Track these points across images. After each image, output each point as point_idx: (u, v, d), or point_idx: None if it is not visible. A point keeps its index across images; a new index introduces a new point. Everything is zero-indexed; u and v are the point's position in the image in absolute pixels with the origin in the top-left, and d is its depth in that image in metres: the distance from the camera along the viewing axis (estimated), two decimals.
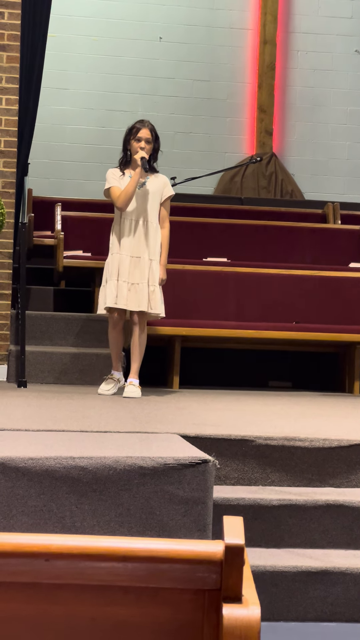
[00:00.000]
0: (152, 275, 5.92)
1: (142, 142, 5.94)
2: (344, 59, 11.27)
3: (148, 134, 5.96)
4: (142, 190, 5.97)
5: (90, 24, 10.81)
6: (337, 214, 9.20)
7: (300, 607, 3.51)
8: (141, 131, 5.96)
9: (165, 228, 6.03)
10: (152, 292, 5.90)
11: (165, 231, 6.03)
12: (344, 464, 4.11)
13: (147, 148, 5.96)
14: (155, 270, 5.93)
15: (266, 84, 11.05)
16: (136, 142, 5.96)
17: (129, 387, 5.87)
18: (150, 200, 5.97)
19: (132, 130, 6.00)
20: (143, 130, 5.97)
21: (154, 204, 5.98)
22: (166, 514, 3.41)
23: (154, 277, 5.92)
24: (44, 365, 6.57)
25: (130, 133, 6.00)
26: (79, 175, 10.69)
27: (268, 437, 4.10)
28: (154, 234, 5.96)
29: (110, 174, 6.02)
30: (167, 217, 6.05)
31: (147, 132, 5.97)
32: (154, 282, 5.92)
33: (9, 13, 6.70)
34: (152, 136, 5.98)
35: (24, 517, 3.36)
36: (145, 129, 5.97)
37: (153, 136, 5.99)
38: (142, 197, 5.97)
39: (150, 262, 5.92)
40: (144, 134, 5.96)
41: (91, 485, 3.39)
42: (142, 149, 5.93)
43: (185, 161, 10.79)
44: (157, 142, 6.04)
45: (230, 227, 8.46)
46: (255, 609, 1.55)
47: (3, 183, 6.69)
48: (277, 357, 7.18)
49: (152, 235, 5.95)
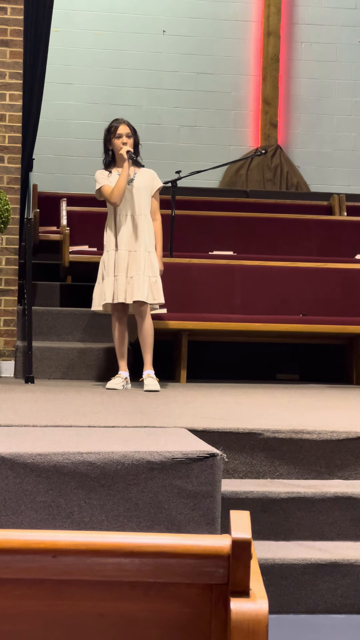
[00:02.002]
0: (151, 266, 5.99)
1: (122, 137, 6.07)
2: (349, 50, 11.24)
3: (127, 129, 6.09)
4: (132, 185, 6.04)
5: (93, 19, 10.79)
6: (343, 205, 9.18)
7: (310, 599, 3.51)
8: (119, 128, 6.08)
9: (158, 220, 6.14)
10: (153, 283, 5.98)
11: (158, 223, 6.14)
12: (352, 456, 4.11)
13: (129, 142, 6.07)
14: (154, 261, 6.01)
15: (270, 76, 11.03)
16: (117, 139, 6.07)
17: (148, 380, 5.90)
18: (141, 194, 6.07)
19: (111, 129, 6.13)
20: (121, 126, 6.09)
21: (145, 198, 6.08)
22: (174, 508, 3.42)
23: (153, 267, 6.00)
24: (51, 361, 6.57)
25: (110, 132, 6.13)
26: (84, 170, 10.69)
27: (276, 430, 4.10)
28: (148, 227, 6.06)
29: (98, 175, 6.13)
30: (158, 209, 6.17)
31: (125, 127, 6.09)
32: (155, 273, 6.00)
33: (11, 8, 6.69)
34: (131, 130, 6.09)
35: (32, 513, 3.36)
36: (123, 125, 6.10)
37: (132, 130, 6.10)
38: (133, 192, 6.07)
39: (148, 253, 5.99)
40: (123, 130, 6.08)
41: (99, 480, 3.39)
42: (124, 144, 6.03)
43: (190, 154, 10.78)
44: (136, 135, 6.16)
45: (236, 220, 8.45)
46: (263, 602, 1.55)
47: (8, 179, 6.69)
48: (285, 350, 7.18)
49: (146, 228, 6.05)
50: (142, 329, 6.01)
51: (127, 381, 6.03)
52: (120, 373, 6.06)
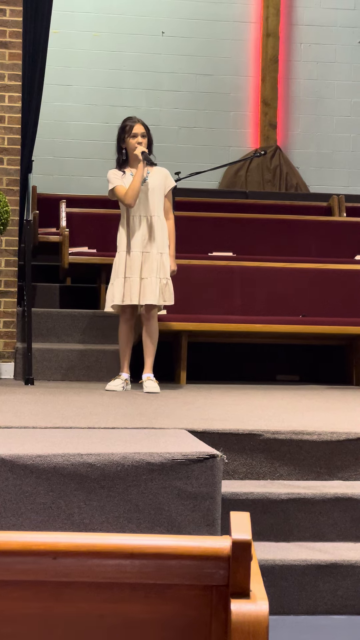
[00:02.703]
0: (163, 268, 5.95)
1: (137, 137, 5.98)
2: (348, 50, 11.25)
3: (142, 129, 6.01)
4: (145, 186, 5.98)
5: (92, 20, 10.79)
6: (342, 206, 9.19)
7: (310, 600, 3.51)
8: (135, 127, 6.00)
9: (171, 219, 6.08)
10: (164, 285, 5.94)
11: (170, 222, 6.08)
12: (353, 457, 4.10)
13: (144, 142, 6.00)
14: (166, 263, 5.96)
15: (269, 77, 11.03)
16: (132, 139, 5.98)
17: (148, 382, 5.89)
18: (154, 194, 6.00)
19: (125, 128, 6.03)
20: (136, 126, 6.00)
21: (158, 198, 6.01)
22: (175, 509, 3.41)
23: (165, 269, 5.95)
24: (51, 362, 6.57)
25: (124, 131, 6.03)
26: (83, 171, 10.69)
27: (276, 431, 4.10)
28: (161, 228, 5.99)
29: (111, 175, 6.05)
30: (171, 209, 6.11)
31: (140, 127, 6.01)
32: (166, 275, 5.96)
33: (10, 10, 6.69)
34: (145, 129, 6.03)
35: (32, 515, 3.36)
36: (138, 124, 6.02)
37: (146, 129, 6.04)
38: (146, 192, 5.99)
39: (161, 255, 5.94)
40: (138, 129, 6.00)
41: (99, 481, 3.39)
42: (139, 144, 5.96)
43: (189, 156, 10.78)
44: (150, 135, 6.09)
45: (235, 221, 8.46)
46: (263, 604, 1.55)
47: (7, 180, 6.69)
48: (284, 351, 7.17)
49: (159, 228, 5.98)
50: (149, 331, 5.99)
51: (128, 382, 6.02)
52: (121, 374, 6.04)
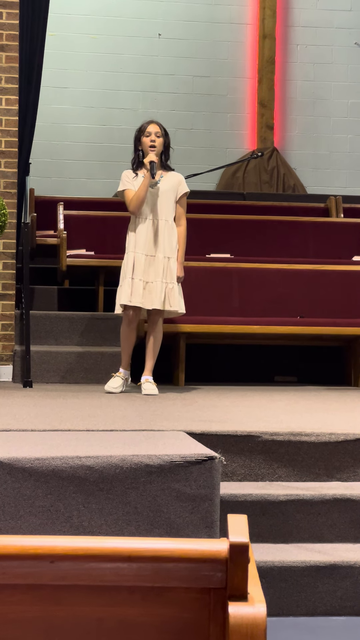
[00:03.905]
0: (170, 273, 5.94)
1: (151, 135, 6.00)
2: (344, 51, 11.25)
3: (157, 128, 6.03)
4: (157, 189, 5.99)
5: (89, 22, 10.80)
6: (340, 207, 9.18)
7: (310, 601, 3.51)
8: (149, 126, 6.04)
9: (182, 225, 6.08)
10: (170, 290, 5.93)
11: (181, 228, 6.07)
12: (351, 458, 4.11)
13: (158, 142, 6.01)
14: (172, 268, 5.96)
15: (266, 79, 11.04)
16: (146, 137, 6.01)
17: (146, 385, 5.89)
18: (165, 198, 6.01)
19: (141, 128, 6.08)
20: (151, 125, 6.04)
21: (168, 202, 6.02)
22: (173, 511, 3.41)
23: (172, 274, 5.95)
24: (49, 365, 6.57)
25: (140, 131, 6.07)
26: (80, 173, 10.70)
27: (274, 432, 4.10)
28: (170, 232, 5.99)
29: (124, 176, 6.08)
30: (183, 215, 6.10)
31: (155, 126, 6.04)
32: (172, 280, 5.95)
33: (7, 13, 6.69)
34: (161, 130, 6.03)
35: (31, 518, 3.36)
36: (154, 124, 6.05)
37: (162, 131, 6.05)
38: (157, 195, 6.00)
39: (168, 260, 5.95)
40: (152, 128, 6.02)
41: (98, 484, 3.39)
42: (152, 142, 5.96)
43: (186, 157, 10.77)
44: (167, 137, 6.10)
45: (232, 222, 8.45)
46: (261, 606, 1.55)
47: (4, 183, 6.69)
48: (282, 352, 7.17)
49: (168, 233, 5.98)
50: (153, 336, 6.00)
51: (128, 380, 6.01)
52: (121, 371, 6.02)
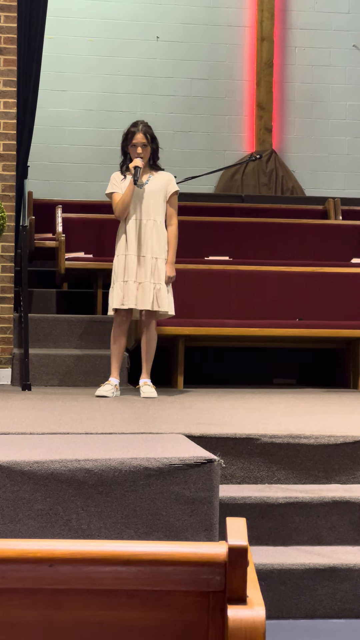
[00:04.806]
0: (158, 274, 5.92)
1: (137, 147, 5.95)
2: (342, 54, 11.26)
3: (142, 139, 5.95)
4: (145, 190, 5.97)
5: (87, 25, 10.80)
6: (338, 209, 9.19)
7: (309, 604, 3.51)
8: (135, 137, 5.96)
9: (173, 225, 6.04)
10: (158, 291, 5.90)
11: (172, 228, 6.03)
12: (350, 460, 4.11)
13: (144, 152, 5.95)
14: (161, 269, 5.93)
15: (264, 81, 11.04)
16: (132, 148, 5.97)
17: (145, 387, 5.89)
18: (154, 198, 5.97)
19: (127, 136, 6.01)
20: (137, 135, 5.96)
21: (158, 203, 5.99)
22: (172, 514, 3.41)
23: (160, 275, 5.92)
24: (48, 368, 6.57)
25: (126, 139, 6.01)
26: (79, 177, 10.69)
27: (273, 435, 4.10)
28: (159, 233, 5.96)
29: (112, 179, 6.05)
30: (174, 215, 6.06)
31: (141, 137, 5.95)
32: (160, 280, 5.92)
33: (4, 16, 6.70)
34: (147, 139, 5.97)
35: (30, 521, 3.36)
36: (139, 134, 5.96)
37: (148, 139, 5.98)
38: (146, 196, 5.97)
39: (156, 260, 5.92)
40: (138, 139, 5.95)
41: (97, 487, 3.38)
42: (138, 155, 5.93)
43: (185, 160, 10.78)
44: (155, 142, 6.03)
45: (231, 225, 8.45)
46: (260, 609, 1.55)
47: (3, 186, 6.69)
48: (281, 355, 7.18)
49: (157, 233, 5.95)
50: (147, 338, 5.99)
51: (117, 388, 5.98)
52: (110, 379, 6.01)
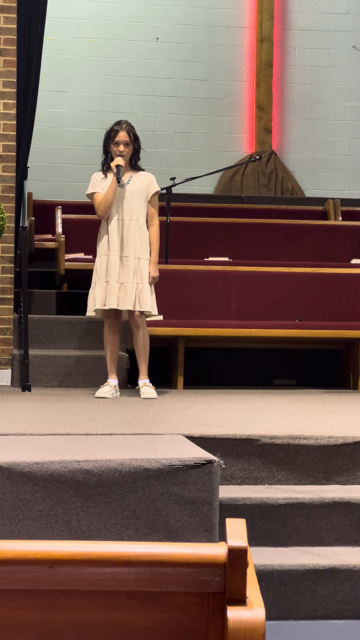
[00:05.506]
0: (140, 274, 5.91)
1: (120, 145, 5.94)
2: (342, 55, 11.26)
3: (125, 137, 5.95)
4: (127, 190, 5.96)
5: (86, 26, 10.80)
6: (338, 210, 9.19)
7: (309, 605, 3.51)
8: (118, 135, 5.95)
9: (155, 225, 6.03)
10: (140, 291, 5.89)
11: (154, 229, 6.02)
12: (350, 461, 4.10)
13: (126, 151, 5.95)
14: (143, 269, 5.92)
15: (264, 82, 11.04)
16: (115, 146, 5.96)
17: (144, 388, 5.89)
18: (135, 199, 5.97)
19: (110, 133, 6.00)
20: (120, 133, 5.95)
21: (139, 203, 5.98)
22: (172, 515, 3.41)
23: (142, 275, 5.91)
24: (48, 369, 6.57)
25: (109, 137, 6.00)
26: (79, 177, 10.67)
27: (273, 435, 4.10)
28: (139, 233, 5.95)
29: (92, 179, 6.05)
30: (155, 215, 6.05)
31: (124, 135, 5.95)
32: (142, 280, 5.91)
33: (4, 17, 6.70)
34: (130, 138, 5.97)
35: (30, 522, 3.35)
36: (123, 132, 5.95)
37: (131, 138, 5.97)
38: (127, 196, 5.96)
39: (138, 260, 5.92)
40: (121, 137, 5.94)
41: (97, 488, 3.38)
42: (120, 153, 5.93)
43: (185, 161, 10.78)
44: (137, 142, 6.02)
45: (231, 226, 8.46)
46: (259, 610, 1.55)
47: (3, 187, 6.69)
48: (281, 355, 7.17)
49: (139, 233, 5.95)
50: (137, 338, 5.98)
51: (116, 389, 5.99)
52: (109, 381, 6.01)
